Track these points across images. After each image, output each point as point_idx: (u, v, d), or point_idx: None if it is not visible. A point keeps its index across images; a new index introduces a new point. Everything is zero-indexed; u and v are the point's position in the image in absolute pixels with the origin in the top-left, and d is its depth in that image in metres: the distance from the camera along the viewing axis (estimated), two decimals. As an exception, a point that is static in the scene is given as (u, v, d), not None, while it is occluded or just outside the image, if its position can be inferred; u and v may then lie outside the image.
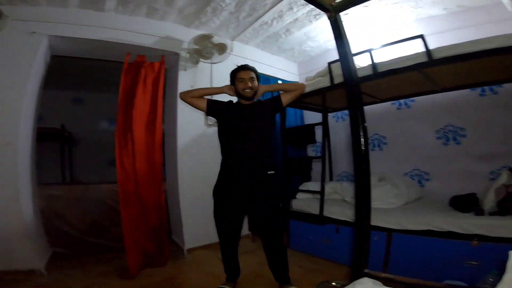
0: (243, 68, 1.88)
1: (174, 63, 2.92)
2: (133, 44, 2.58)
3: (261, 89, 1.93)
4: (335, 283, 1.78)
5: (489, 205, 1.77)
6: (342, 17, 1.36)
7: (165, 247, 2.46)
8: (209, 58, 2.76)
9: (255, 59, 3.38)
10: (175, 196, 2.80)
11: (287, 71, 3.91)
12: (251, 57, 3.35)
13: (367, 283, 0.96)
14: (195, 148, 2.85)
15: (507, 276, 0.72)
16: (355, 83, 1.37)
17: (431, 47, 1.71)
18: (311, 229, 2.51)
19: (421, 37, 1.75)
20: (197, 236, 2.74)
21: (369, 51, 2.00)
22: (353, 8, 1.45)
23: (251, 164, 1.74)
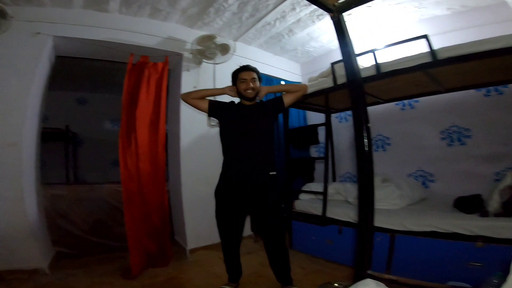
0: (245, 68, 1.87)
1: (177, 63, 2.93)
2: (137, 44, 2.59)
3: (263, 90, 1.92)
4: (337, 284, 1.78)
5: (494, 206, 1.75)
6: (345, 18, 1.36)
7: (167, 247, 2.47)
8: (212, 58, 2.77)
9: (258, 59, 3.38)
10: (178, 196, 2.81)
11: (290, 71, 3.90)
12: (254, 57, 3.35)
13: (370, 284, 0.96)
14: (198, 148, 2.85)
15: (512, 277, 0.71)
16: (358, 84, 1.37)
17: (435, 47, 1.70)
18: (313, 230, 2.50)
19: (425, 37, 1.74)
20: (200, 236, 2.75)
21: (372, 51, 1.99)
22: (356, 8, 1.44)
23: (252, 165, 1.74)
